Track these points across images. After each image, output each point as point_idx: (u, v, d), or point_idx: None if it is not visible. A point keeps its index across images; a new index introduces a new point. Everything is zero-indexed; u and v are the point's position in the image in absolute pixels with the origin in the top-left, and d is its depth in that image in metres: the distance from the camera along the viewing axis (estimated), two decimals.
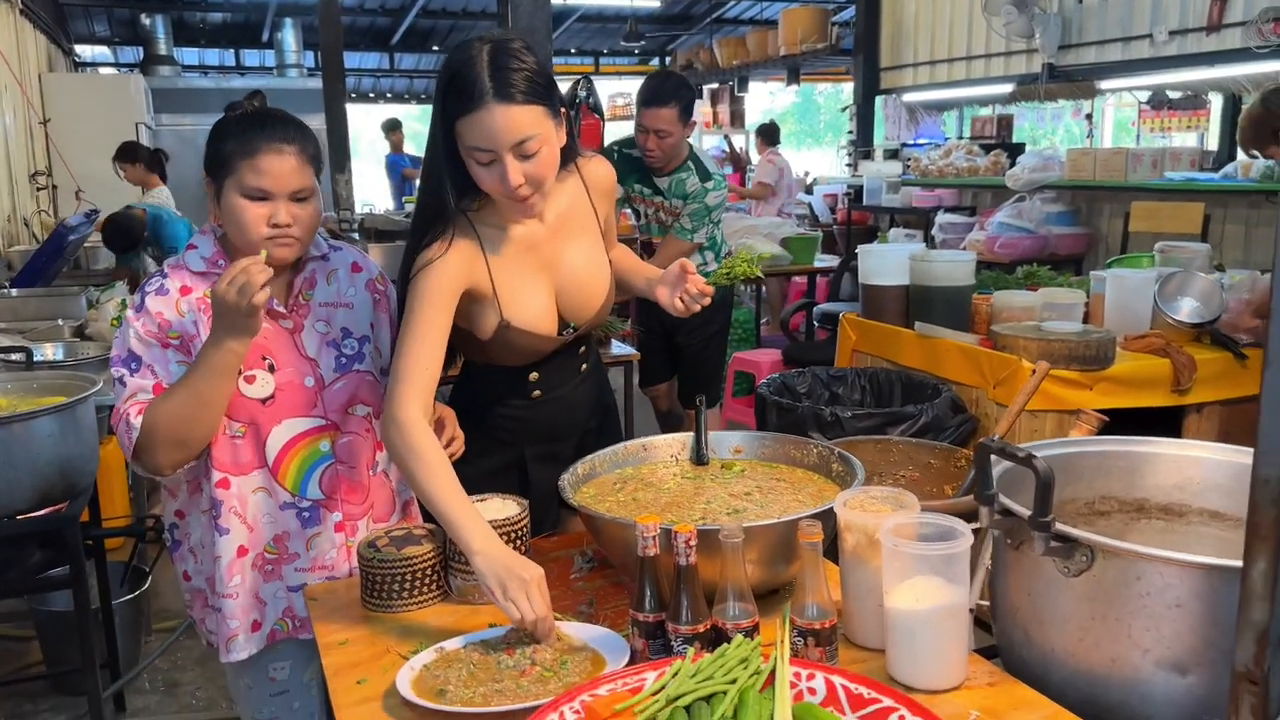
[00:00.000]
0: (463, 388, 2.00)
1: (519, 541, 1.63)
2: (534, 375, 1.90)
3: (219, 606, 1.77)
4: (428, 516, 1.80)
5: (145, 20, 11.28)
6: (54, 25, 9.91)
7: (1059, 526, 1.25)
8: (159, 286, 1.72)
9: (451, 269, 1.69)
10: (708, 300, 1.84)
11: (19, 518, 2.37)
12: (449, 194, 1.69)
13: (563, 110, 1.70)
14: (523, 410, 1.93)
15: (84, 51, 12.75)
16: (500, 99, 1.56)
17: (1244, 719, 1.02)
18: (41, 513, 2.41)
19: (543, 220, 1.81)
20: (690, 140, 4.02)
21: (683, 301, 1.83)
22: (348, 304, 1.84)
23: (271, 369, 1.74)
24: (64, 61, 10.81)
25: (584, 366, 1.99)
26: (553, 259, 1.84)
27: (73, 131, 8.38)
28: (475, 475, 1.83)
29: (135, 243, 5.09)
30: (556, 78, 1.73)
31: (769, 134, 9.22)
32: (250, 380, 1.71)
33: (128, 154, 6.20)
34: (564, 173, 1.82)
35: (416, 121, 14.84)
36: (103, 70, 13.02)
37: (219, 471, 1.73)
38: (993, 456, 1.38)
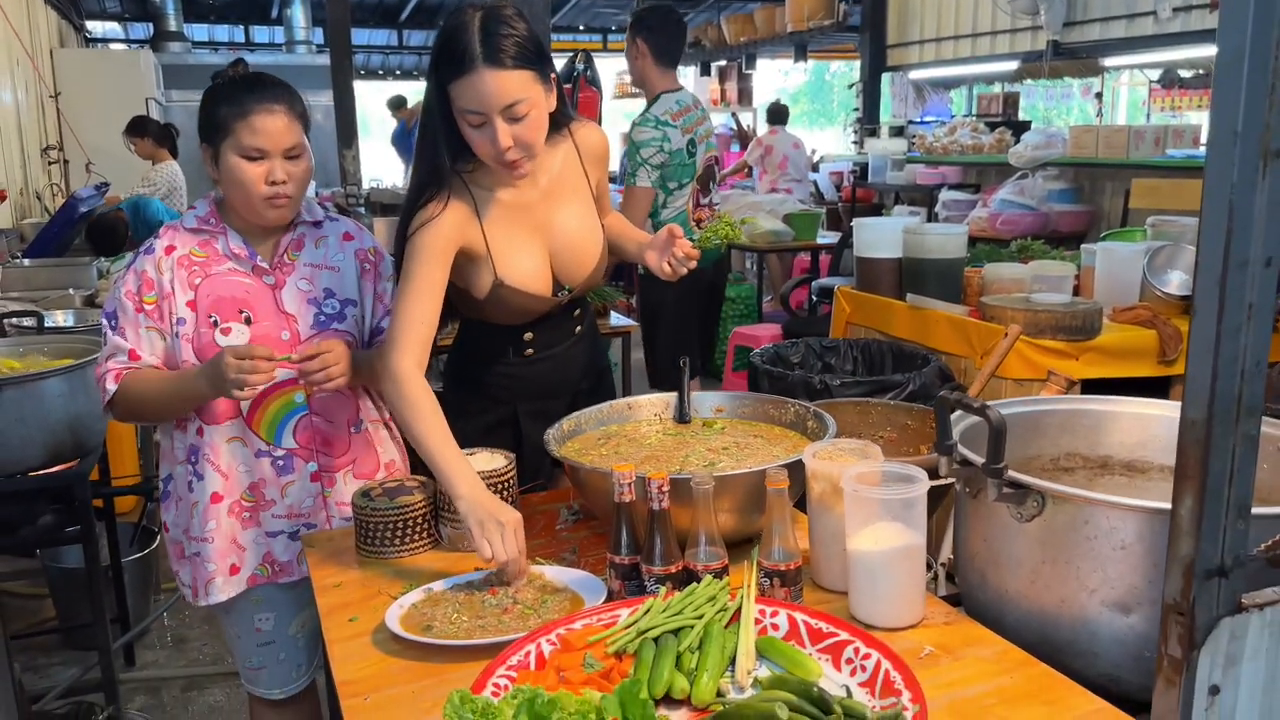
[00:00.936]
0: (460, 346, 2.07)
1: (505, 492, 1.70)
2: (528, 335, 1.96)
3: (197, 551, 1.86)
4: (415, 470, 1.88)
5: None
6: (65, 1, 9.96)
7: (1011, 474, 1.31)
8: (148, 246, 1.84)
9: (447, 227, 1.75)
10: (693, 264, 1.91)
11: (30, 475, 2.46)
12: (444, 156, 1.75)
13: (553, 76, 1.75)
14: (517, 368, 1.99)
15: (95, 27, 12.81)
16: (490, 64, 1.62)
17: (1172, 648, 1.08)
18: (52, 470, 2.49)
19: (535, 183, 1.87)
20: (670, 84, 3.85)
21: (670, 265, 1.90)
22: (333, 268, 1.91)
23: (248, 321, 1.81)
24: (75, 37, 10.87)
25: (578, 329, 2.05)
26: (545, 221, 1.90)
27: (84, 106, 8.47)
28: (470, 429, 1.90)
29: (120, 244, 5.14)
30: (562, 54, 1.79)
31: (776, 114, 9.22)
32: (226, 332, 1.79)
33: (137, 128, 6.27)
34: (557, 138, 1.88)
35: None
36: (113, 46, 13.07)
37: (197, 419, 1.82)
38: (953, 412, 1.45)
